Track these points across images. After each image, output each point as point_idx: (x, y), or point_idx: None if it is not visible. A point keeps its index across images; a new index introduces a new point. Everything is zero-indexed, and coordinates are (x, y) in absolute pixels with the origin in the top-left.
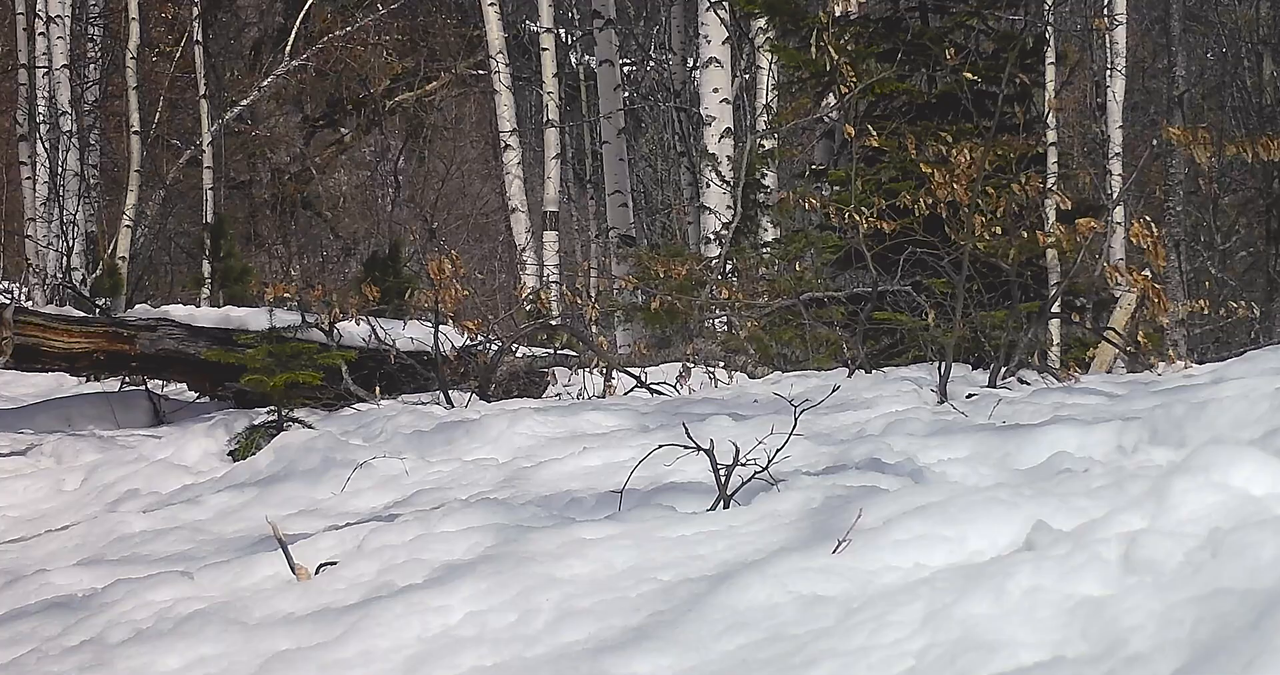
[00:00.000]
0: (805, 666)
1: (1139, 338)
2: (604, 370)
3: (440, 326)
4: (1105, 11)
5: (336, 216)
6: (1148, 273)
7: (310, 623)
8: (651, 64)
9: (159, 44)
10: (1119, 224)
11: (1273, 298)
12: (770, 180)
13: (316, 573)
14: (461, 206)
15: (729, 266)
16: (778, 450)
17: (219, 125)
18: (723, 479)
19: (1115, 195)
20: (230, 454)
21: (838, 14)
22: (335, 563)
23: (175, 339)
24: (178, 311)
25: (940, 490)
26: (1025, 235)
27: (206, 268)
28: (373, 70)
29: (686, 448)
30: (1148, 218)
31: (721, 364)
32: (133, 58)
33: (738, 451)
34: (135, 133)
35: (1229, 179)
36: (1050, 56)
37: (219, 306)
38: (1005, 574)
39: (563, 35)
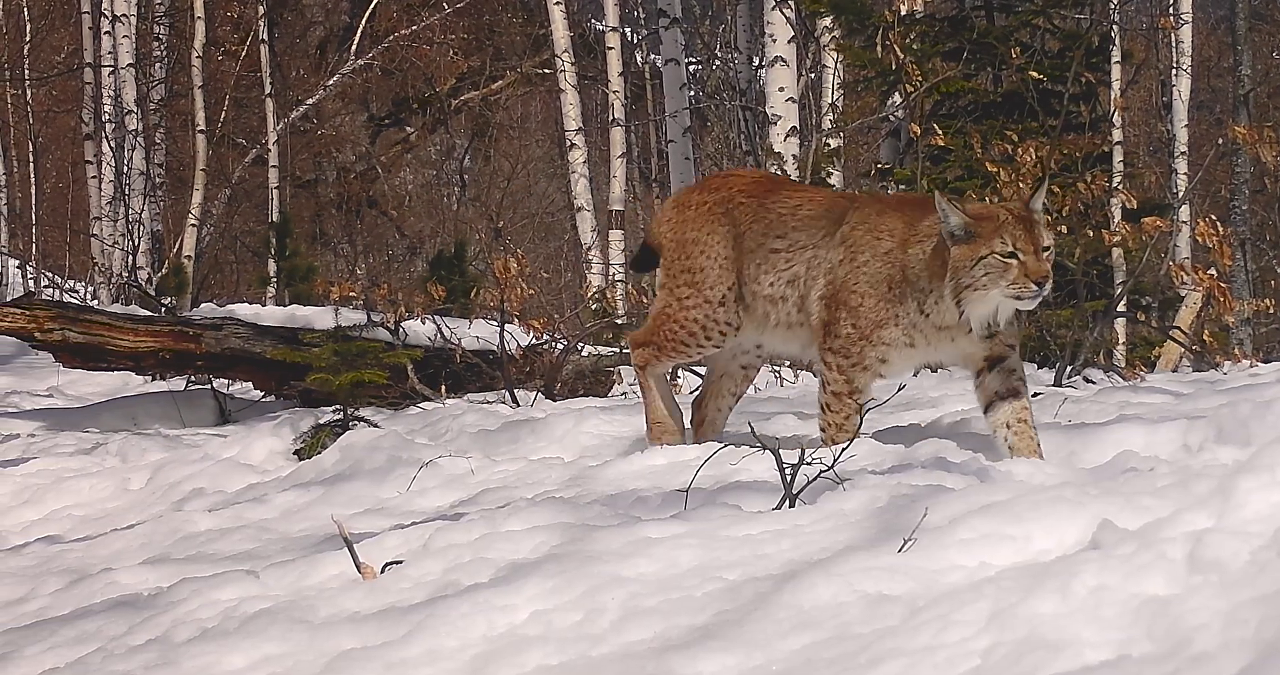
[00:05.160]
0: (870, 665)
1: (1204, 337)
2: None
3: (506, 325)
4: (1171, 10)
5: (402, 215)
6: (1213, 271)
7: (375, 622)
8: (717, 63)
9: (224, 43)
10: (1184, 223)
11: None
12: (836, 179)
13: (382, 572)
14: (527, 205)
15: None
16: (843, 449)
17: (284, 124)
18: (788, 478)
19: (1181, 194)
20: (296, 453)
21: (903, 13)
22: (401, 562)
23: (241, 338)
24: (243, 310)
25: (1006, 489)
26: (1091, 234)
27: (272, 266)
28: (438, 69)
29: (752, 446)
30: (1213, 216)
31: (787, 362)
32: (198, 56)
33: (803, 450)
34: (201, 131)
35: None
36: (1116, 55)
37: (284, 305)
38: (1071, 573)
39: (628, 34)
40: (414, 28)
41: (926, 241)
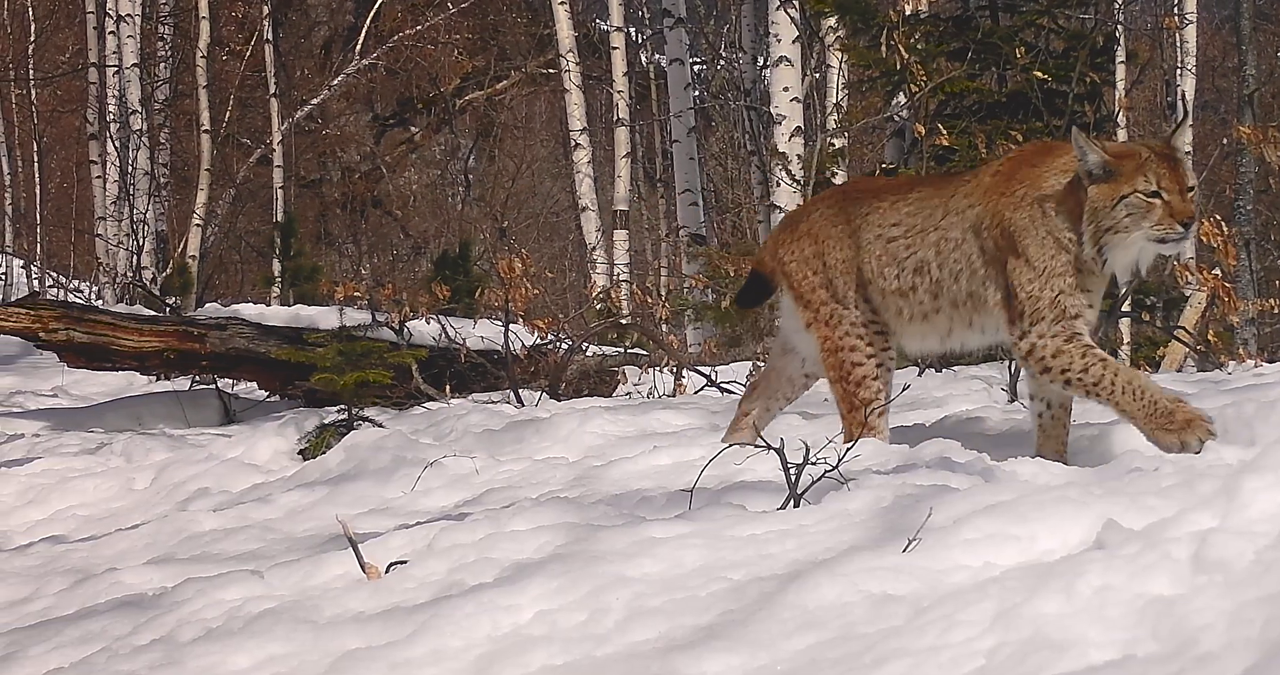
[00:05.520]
0: (875, 665)
1: (1209, 337)
2: (674, 369)
3: (511, 325)
4: (1175, 10)
5: (406, 215)
6: (1218, 271)
7: (380, 622)
8: (722, 63)
9: (229, 43)
10: None
11: None
12: (840, 179)
13: (387, 572)
14: (532, 205)
15: None
16: (848, 449)
17: (289, 124)
18: (793, 478)
19: None
20: (300, 453)
21: (908, 13)
22: (405, 562)
23: (245, 338)
24: (248, 310)
25: (1010, 489)
26: None
27: (276, 266)
28: (443, 69)
29: (757, 447)
30: (1218, 216)
31: None
32: (203, 56)
33: (808, 450)
34: (205, 131)
35: None
36: (1121, 55)
37: (289, 305)
38: (1075, 573)
39: (633, 34)
40: (418, 28)
41: (1060, 179)
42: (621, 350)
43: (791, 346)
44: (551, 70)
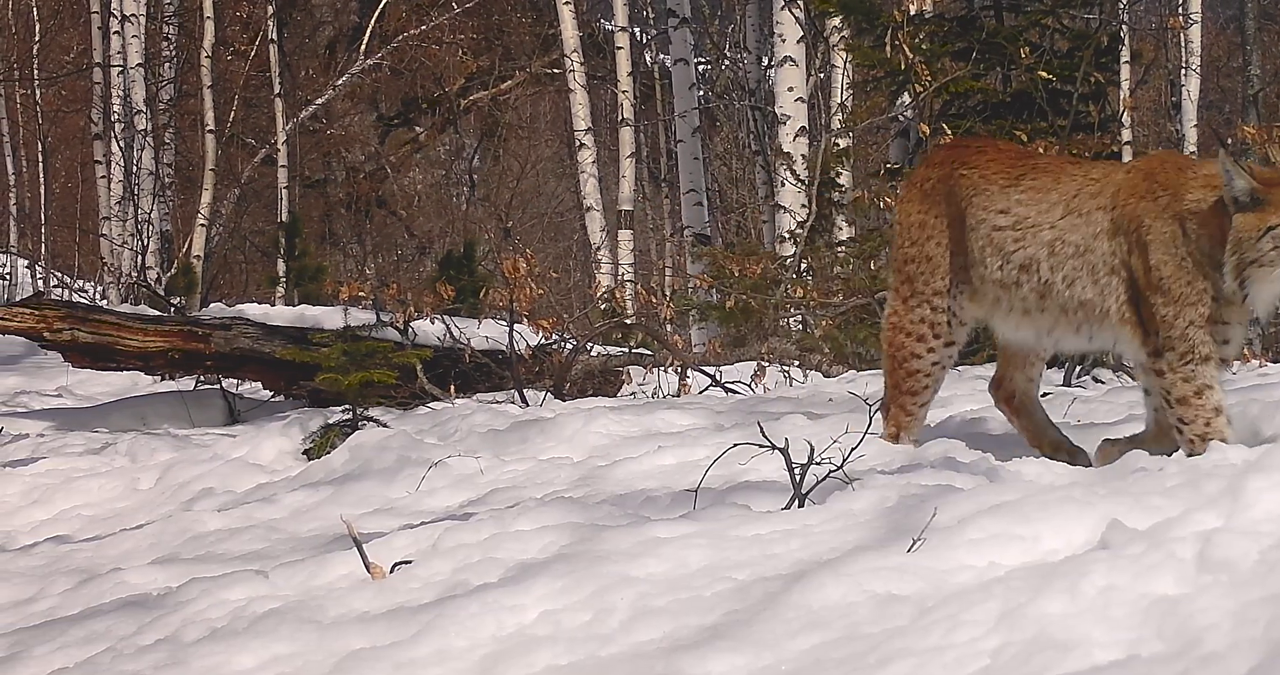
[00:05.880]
0: (880, 665)
1: None
2: (679, 369)
3: (515, 325)
4: (1180, 10)
5: (411, 215)
6: None
7: (385, 622)
8: (726, 63)
9: (234, 43)
10: None
11: None
12: (845, 179)
13: (391, 572)
14: (536, 205)
15: (804, 265)
16: (853, 449)
17: (293, 124)
18: (798, 478)
19: None
20: (305, 453)
21: (912, 13)
22: (410, 562)
23: (250, 338)
24: (252, 310)
25: (1015, 489)
26: None
27: (281, 266)
28: (447, 69)
29: (761, 446)
30: None
31: (796, 362)
32: (207, 56)
33: (812, 450)
34: (210, 131)
35: None
36: (1125, 55)
37: (293, 305)
38: (1080, 573)
39: (637, 34)
40: (423, 28)
41: (1205, 196)
42: (626, 350)
43: None
44: (556, 70)
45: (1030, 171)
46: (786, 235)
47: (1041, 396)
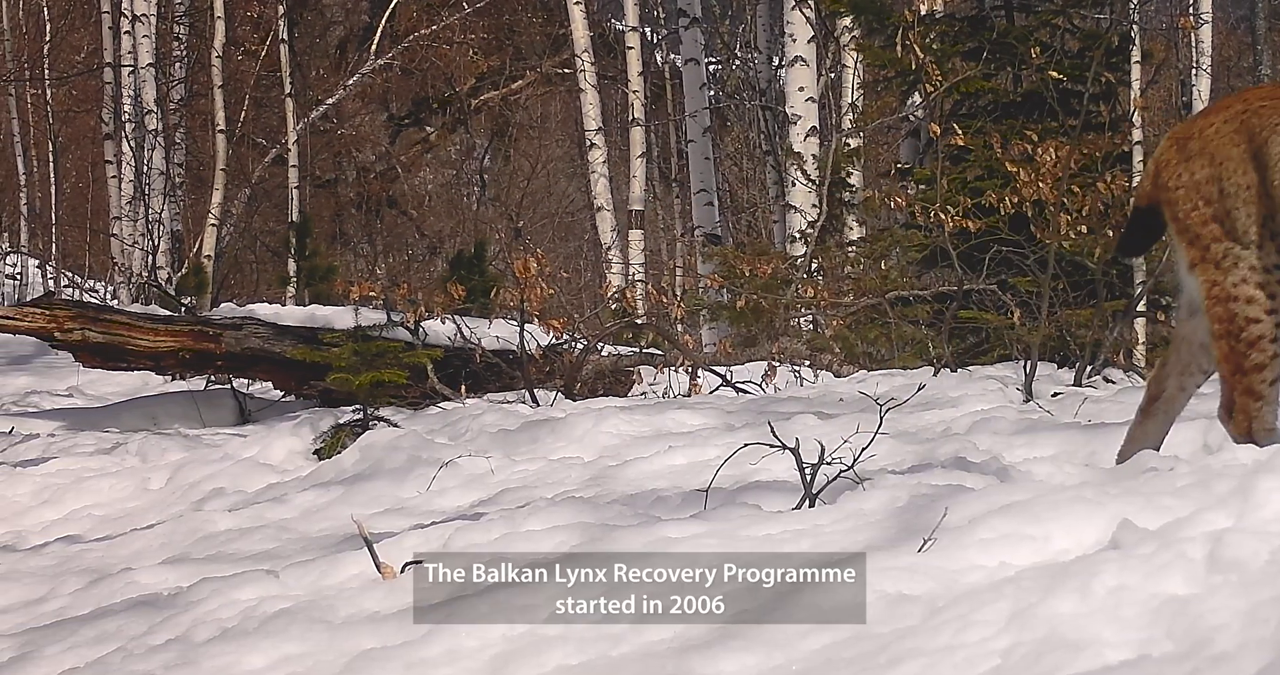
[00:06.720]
0: (890, 665)
1: None
2: (689, 369)
3: (526, 325)
4: (1190, 10)
5: (422, 215)
6: None
7: (395, 621)
8: (737, 62)
9: (244, 42)
10: None
11: None
12: (856, 179)
13: (402, 571)
14: (547, 205)
15: (814, 265)
16: (863, 449)
17: (304, 124)
18: (808, 477)
19: None
20: (316, 453)
21: (923, 12)
22: (421, 562)
23: (261, 338)
24: (263, 310)
25: (1025, 489)
26: (1111, 234)
27: (292, 266)
28: (458, 69)
29: (772, 446)
30: None
31: (807, 362)
32: (218, 56)
33: (823, 450)
34: (220, 131)
35: None
36: (1135, 55)
37: (304, 305)
38: (1090, 573)
39: (648, 33)
40: (434, 27)
41: None
42: (637, 350)
43: (1197, 305)
44: (567, 70)
45: None
46: (797, 235)
47: (1052, 396)
